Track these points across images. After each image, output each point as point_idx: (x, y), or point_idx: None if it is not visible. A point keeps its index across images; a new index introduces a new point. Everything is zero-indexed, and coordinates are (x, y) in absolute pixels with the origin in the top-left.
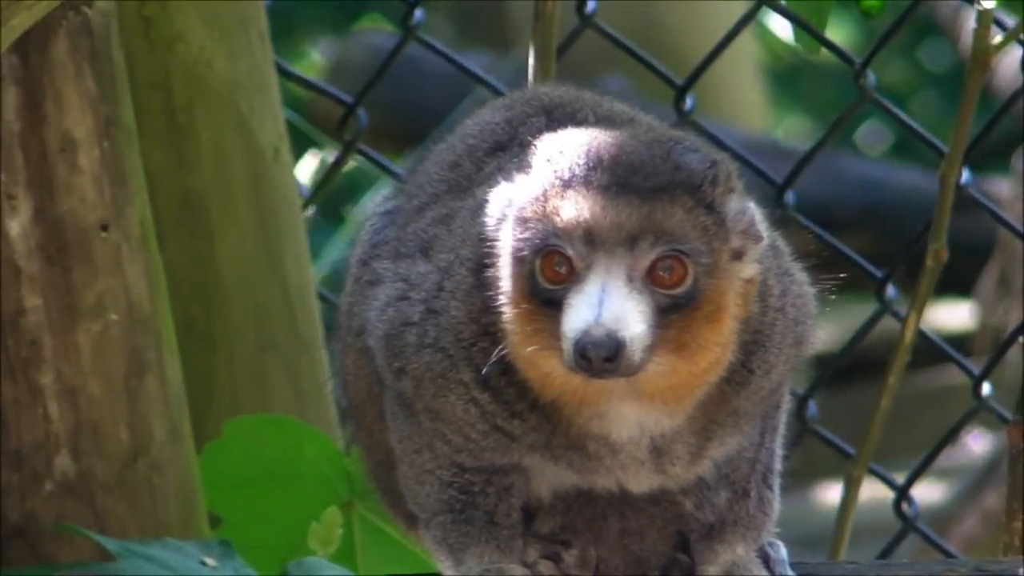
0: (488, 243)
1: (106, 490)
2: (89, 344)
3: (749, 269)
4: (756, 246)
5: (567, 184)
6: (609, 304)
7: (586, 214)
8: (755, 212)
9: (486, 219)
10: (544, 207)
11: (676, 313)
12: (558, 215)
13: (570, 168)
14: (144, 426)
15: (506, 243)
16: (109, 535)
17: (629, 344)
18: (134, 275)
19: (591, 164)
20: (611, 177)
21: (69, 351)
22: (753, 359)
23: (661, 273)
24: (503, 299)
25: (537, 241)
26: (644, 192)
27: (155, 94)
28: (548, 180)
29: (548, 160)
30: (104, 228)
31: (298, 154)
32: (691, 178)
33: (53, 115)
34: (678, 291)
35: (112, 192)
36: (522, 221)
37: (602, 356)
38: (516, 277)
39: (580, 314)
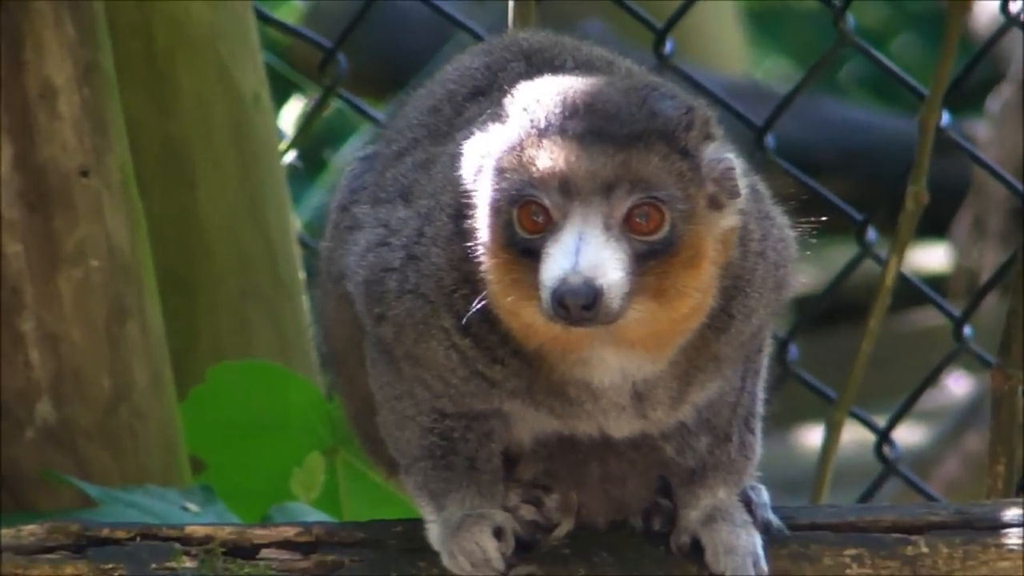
0: (467, 192)
1: (88, 437)
2: (70, 291)
3: (728, 220)
4: (732, 200)
5: (543, 134)
6: (586, 252)
7: (562, 164)
8: (733, 163)
9: (465, 168)
10: (520, 157)
11: (654, 260)
12: (534, 165)
13: (546, 117)
14: (126, 373)
15: (484, 193)
16: (91, 482)
17: (607, 291)
18: (115, 222)
19: (566, 113)
20: (586, 126)
21: (50, 298)
22: (733, 303)
23: (638, 220)
24: (482, 249)
25: (514, 192)
26: (619, 140)
27: (135, 40)
28: (524, 130)
29: (524, 109)
30: (84, 174)
31: (281, 100)
32: (666, 124)
33: (33, 62)
34: (655, 237)
35: (92, 139)
36: (499, 171)
37: (580, 304)
38: (494, 227)
39: (558, 263)
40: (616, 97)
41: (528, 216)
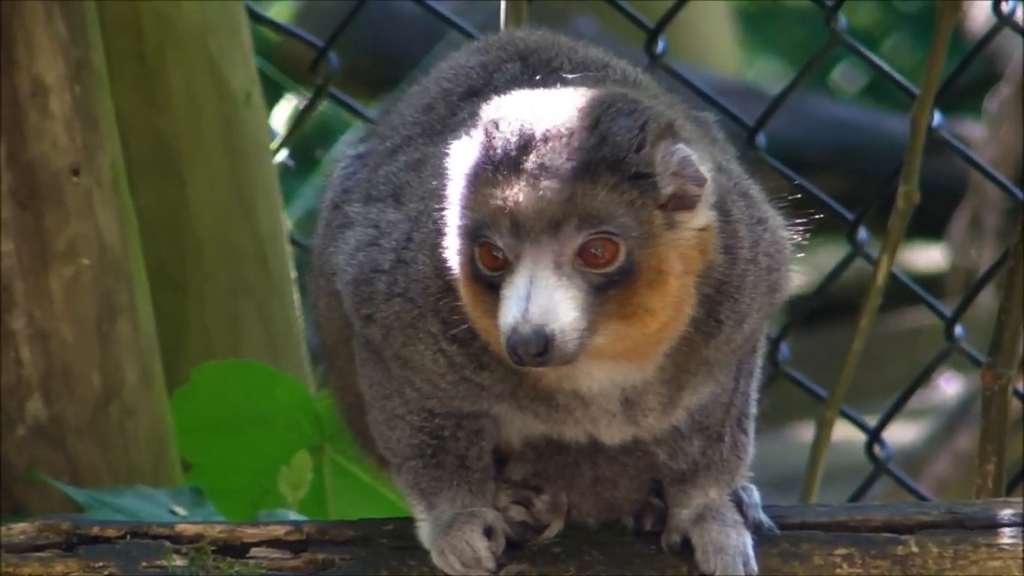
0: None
1: (78, 434)
2: (61, 288)
3: (700, 218)
4: (699, 188)
5: (496, 169)
6: (536, 298)
7: (510, 204)
8: (686, 151)
9: (443, 182)
10: (476, 195)
11: (615, 287)
12: (487, 204)
13: (502, 148)
14: (116, 370)
15: (451, 224)
16: (81, 479)
17: (559, 336)
18: (106, 219)
19: (519, 144)
20: (535, 160)
21: (41, 295)
22: (722, 309)
23: (592, 252)
24: (456, 274)
25: (472, 230)
26: (565, 174)
27: (125, 37)
28: (480, 164)
29: (484, 135)
30: (75, 172)
31: (273, 99)
32: (615, 151)
33: (24, 59)
34: (611, 269)
35: (83, 136)
36: (461, 207)
37: (531, 352)
38: (461, 260)
39: (509, 310)
40: (570, 122)
41: (488, 254)
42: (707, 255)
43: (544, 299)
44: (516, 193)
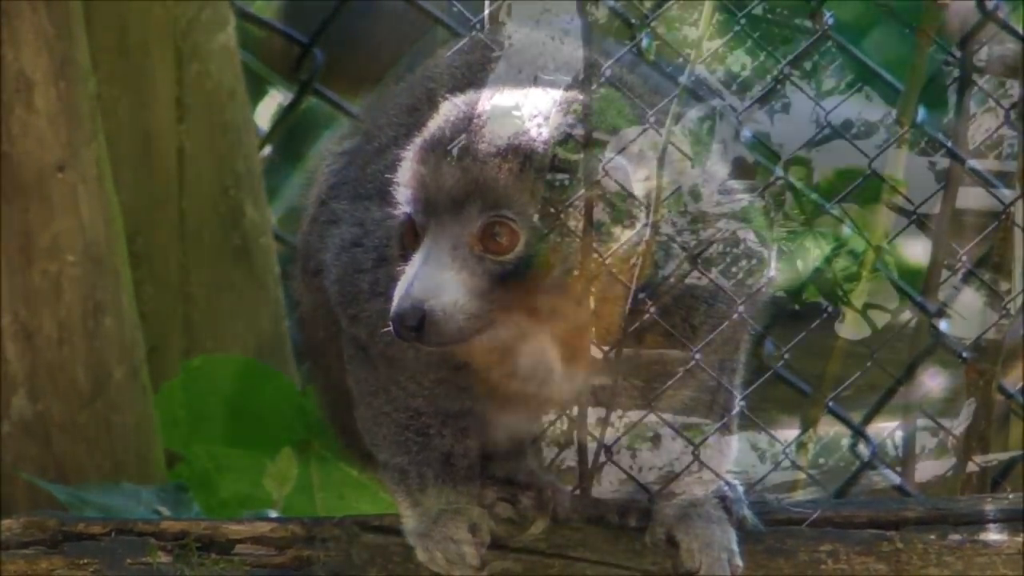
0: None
1: (63, 430)
2: (46, 285)
3: (631, 233)
4: (626, 204)
5: (429, 149)
6: (422, 274)
7: (426, 182)
8: (617, 162)
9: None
10: (408, 173)
11: (516, 279)
12: (409, 183)
13: (437, 131)
14: (101, 366)
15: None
16: (66, 476)
17: (438, 314)
18: (91, 216)
19: (451, 130)
20: (457, 144)
21: (26, 292)
22: (696, 315)
23: (493, 239)
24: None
25: (399, 207)
26: (477, 156)
27: (110, 34)
28: (415, 146)
29: (433, 120)
30: (60, 169)
31: (257, 95)
32: (532, 143)
33: (9, 56)
34: (508, 257)
35: (68, 132)
36: (400, 186)
37: (407, 326)
38: (397, 238)
39: (400, 283)
40: (505, 113)
41: (411, 231)
42: (645, 268)
43: (430, 275)
44: (428, 172)
